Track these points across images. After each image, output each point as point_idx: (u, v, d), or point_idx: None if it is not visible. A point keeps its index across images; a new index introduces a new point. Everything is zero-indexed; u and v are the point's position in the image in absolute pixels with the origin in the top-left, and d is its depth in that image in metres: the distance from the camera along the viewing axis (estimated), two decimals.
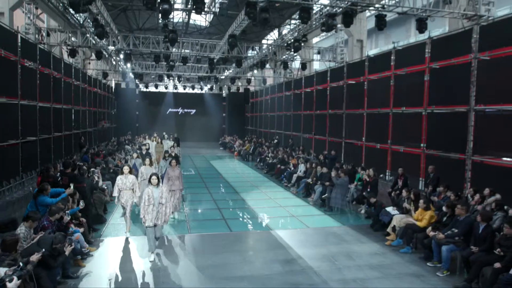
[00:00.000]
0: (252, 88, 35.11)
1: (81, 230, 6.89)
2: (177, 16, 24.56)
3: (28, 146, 12.17)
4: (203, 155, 25.58)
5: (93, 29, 14.98)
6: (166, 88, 35.59)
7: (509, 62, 9.05)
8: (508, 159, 8.89)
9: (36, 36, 16.02)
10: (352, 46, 20.47)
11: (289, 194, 13.37)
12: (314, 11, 15.40)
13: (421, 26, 11.31)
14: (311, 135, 20.10)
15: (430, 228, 7.30)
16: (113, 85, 32.24)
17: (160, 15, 11.85)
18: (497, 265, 5.77)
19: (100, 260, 6.98)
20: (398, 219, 8.14)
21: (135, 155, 12.90)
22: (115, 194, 8.13)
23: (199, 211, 11.08)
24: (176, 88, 35.99)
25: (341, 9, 12.45)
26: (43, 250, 4.85)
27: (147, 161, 10.27)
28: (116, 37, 17.41)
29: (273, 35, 27.23)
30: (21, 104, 11.66)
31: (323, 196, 11.22)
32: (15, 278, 4.06)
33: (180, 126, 36.92)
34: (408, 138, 12.62)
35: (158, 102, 36.58)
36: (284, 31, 21.30)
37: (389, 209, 8.80)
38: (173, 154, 13.21)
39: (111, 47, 18.84)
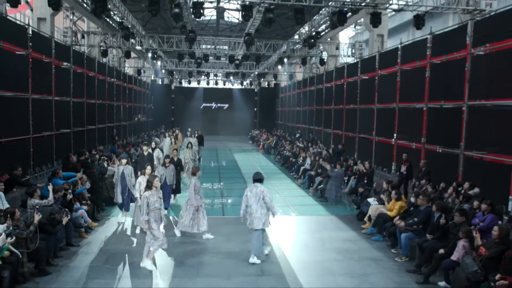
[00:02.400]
0: (282, 83, 35.77)
1: (85, 208, 8.12)
2: (210, 14, 25.72)
3: (62, 137, 13.81)
4: (230, 148, 26.69)
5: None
6: (198, 83, 37.15)
7: None
8: None
9: (73, 38, 17.79)
10: (372, 41, 20.50)
11: (294, 186, 14.04)
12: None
13: (418, 22, 11.44)
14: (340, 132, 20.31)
15: (397, 217, 7.75)
16: (149, 81, 34.19)
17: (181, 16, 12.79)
18: (441, 251, 6.20)
19: (100, 234, 8.20)
20: (374, 209, 8.62)
21: (123, 161, 9.14)
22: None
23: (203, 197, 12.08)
24: (208, 84, 37.44)
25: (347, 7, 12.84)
26: (40, 215, 6.06)
27: (148, 169, 8.25)
28: (142, 38, 18.84)
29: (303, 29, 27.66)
30: (55, 100, 13.28)
31: (318, 187, 11.80)
32: (3, 234, 5.27)
33: (213, 120, 38.60)
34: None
35: (192, 97, 38.34)
36: (305, 28, 21.61)
37: (370, 200, 9.27)
38: (184, 156, 13.44)
39: (138, 47, 20.35)
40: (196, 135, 19.37)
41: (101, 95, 18.88)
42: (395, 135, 13.74)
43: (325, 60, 21.81)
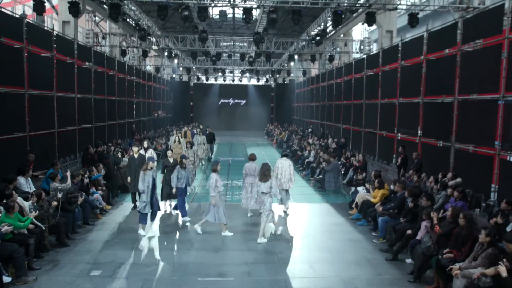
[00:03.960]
0: (296, 79, 36.36)
1: (101, 192, 9.22)
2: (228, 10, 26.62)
3: (84, 132, 15.07)
4: (244, 143, 27.59)
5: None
6: (215, 80, 38.24)
7: None
8: None
9: (94, 39, 19.10)
10: (381, 37, 20.85)
11: (297, 177, 14.62)
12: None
13: (412, 20, 11.91)
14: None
15: (379, 203, 8.43)
16: (168, 78, 35.50)
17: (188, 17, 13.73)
18: (409, 231, 6.87)
19: (113, 216, 9.29)
20: (360, 197, 9.32)
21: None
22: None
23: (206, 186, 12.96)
24: (224, 80, 38.45)
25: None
26: (62, 193, 7.18)
27: (141, 174, 7.92)
28: (158, 38, 19.97)
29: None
30: (78, 97, 14.53)
31: (316, 177, 12.54)
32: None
33: (231, 116, 39.70)
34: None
35: (210, 93, 39.52)
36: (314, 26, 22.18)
37: (359, 188, 9.95)
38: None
39: (154, 47, 21.50)
40: (207, 132, 18.69)
41: (121, 92, 20.13)
42: (396, 129, 14.26)
43: (334, 57, 22.24)
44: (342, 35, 25.76)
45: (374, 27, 24.23)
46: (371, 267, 6.65)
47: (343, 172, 12.67)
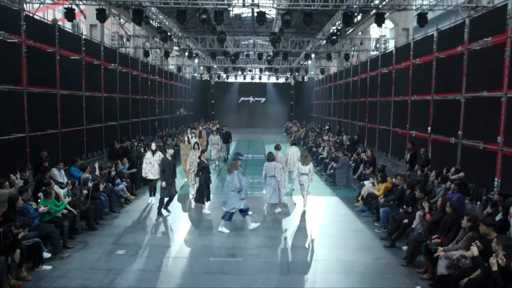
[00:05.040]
0: (315, 77, 36.70)
1: (125, 183, 10.10)
2: (246, 11, 27.31)
3: (109, 129, 16.10)
4: (262, 140, 28.26)
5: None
6: (235, 78, 39.03)
7: None
8: None
9: (119, 41, 20.18)
10: (397, 35, 21.00)
11: None
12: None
13: (421, 20, 12.22)
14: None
15: (381, 196, 8.92)
16: (189, 77, 36.56)
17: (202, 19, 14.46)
18: (405, 221, 7.36)
19: (136, 205, 10.18)
20: (366, 190, 9.81)
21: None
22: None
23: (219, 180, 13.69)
24: (244, 79, 39.18)
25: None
26: (92, 182, 8.11)
27: (236, 174, 8.07)
28: (179, 39, 20.88)
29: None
30: (104, 96, 15.56)
31: (328, 172, 13.07)
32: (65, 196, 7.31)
33: (251, 113, 40.48)
34: None
35: (231, 92, 40.39)
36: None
37: (366, 182, 10.43)
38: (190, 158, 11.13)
39: (175, 48, 22.44)
40: (223, 131, 18.03)
41: (144, 91, 21.17)
42: (407, 126, 14.57)
43: (351, 55, 22.56)
44: (360, 33, 25.98)
45: (391, 25, 24.44)
46: (370, 252, 7.20)
47: (353, 166, 13.12)
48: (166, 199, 9.16)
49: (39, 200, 7.22)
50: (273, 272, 6.34)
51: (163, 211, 9.22)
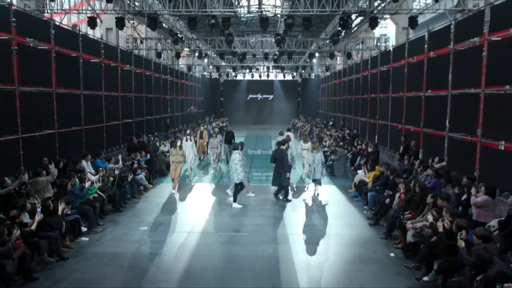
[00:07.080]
0: (322, 75, 37.68)
1: (144, 173, 11.39)
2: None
3: (126, 126, 17.43)
4: (270, 136, 29.45)
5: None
6: (243, 76, 40.21)
7: None
8: None
9: (134, 44, 21.51)
10: (398, 34, 21.94)
11: None
12: None
13: (412, 23, 13.21)
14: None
15: (370, 182, 10.04)
16: (199, 75, 37.87)
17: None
18: (387, 201, 8.48)
19: (154, 192, 11.49)
20: (358, 177, 10.94)
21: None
22: None
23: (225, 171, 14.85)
24: (252, 76, 40.32)
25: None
26: (118, 171, 9.41)
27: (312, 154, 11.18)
28: (189, 40, 22.15)
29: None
30: (121, 96, 16.89)
31: (327, 164, 14.19)
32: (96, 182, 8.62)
33: (259, 110, 41.67)
34: None
35: (239, 89, 41.62)
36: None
37: (360, 171, 11.55)
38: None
39: (186, 49, 23.71)
40: (225, 131, 16.79)
41: (157, 90, 22.50)
42: (403, 120, 15.59)
43: (354, 53, 23.53)
44: (364, 31, 26.91)
45: (393, 25, 25.33)
46: (355, 228, 8.37)
47: (351, 158, 14.23)
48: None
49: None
50: (271, 243, 7.55)
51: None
